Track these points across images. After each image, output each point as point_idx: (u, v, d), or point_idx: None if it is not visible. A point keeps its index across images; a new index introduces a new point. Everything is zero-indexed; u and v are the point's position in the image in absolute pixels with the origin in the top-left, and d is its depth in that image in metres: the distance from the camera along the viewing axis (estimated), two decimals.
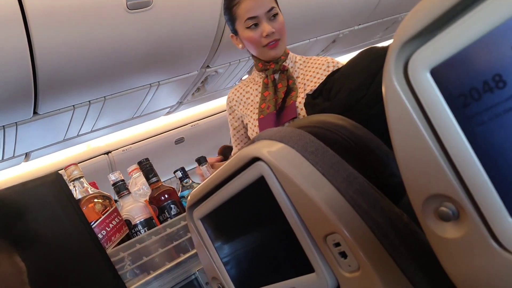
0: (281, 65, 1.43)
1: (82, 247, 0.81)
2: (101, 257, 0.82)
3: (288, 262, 0.57)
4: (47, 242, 0.79)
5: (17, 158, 2.41)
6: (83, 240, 0.81)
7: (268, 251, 0.61)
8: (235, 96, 1.60)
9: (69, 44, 1.70)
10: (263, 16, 1.35)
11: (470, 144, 0.34)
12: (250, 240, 0.63)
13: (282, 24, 1.38)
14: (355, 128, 0.57)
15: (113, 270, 0.85)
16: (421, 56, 0.35)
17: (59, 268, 0.77)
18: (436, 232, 0.38)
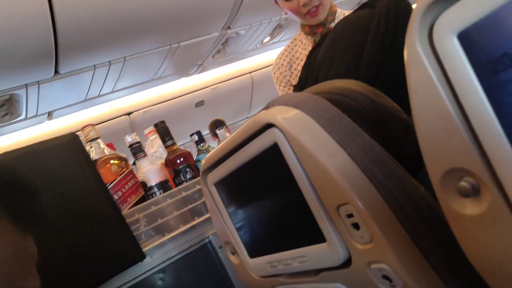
0: (328, 27, 1.35)
1: (98, 207, 0.82)
2: (117, 218, 0.84)
3: (299, 231, 0.57)
4: (64, 202, 0.80)
5: (40, 117, 2.45)
6: (99, 201, 0.82)
7: (280, 218, 0.60)
8: (284, 62, 1.52)
9: (89, 4, 1.68)
10: None
11: (496, 116, 0.31)
12: (263, 207, 0.63)
13: None
14: (374, 95, 0.54)
15: (128, 230, 0.86)
16: (447, 18, 0.32)
17: (75, 228, 0.78)
18: (455, 207, 0.36)
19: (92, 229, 0.80)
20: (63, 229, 0.75)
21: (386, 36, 0.66)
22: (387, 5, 0.67)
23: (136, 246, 0.87)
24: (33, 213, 0.60)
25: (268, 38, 2.95)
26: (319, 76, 0.74)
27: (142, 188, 1.09)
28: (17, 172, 0.61)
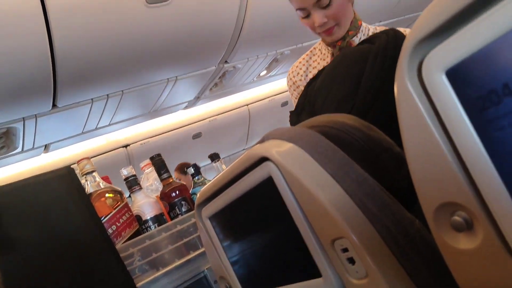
0: (348, 41, 1.32)
1: (92, 241, 0.81)
2: (111, 252, 0.83)
3: (295, 265, 0.56)
4: (57, 236, 0.79)
5: (36, 150, 2.45)
6: (93, 235, 0.81)
7: (275, 253, 0.59)
8: (300, 70, 1.47)
9: (88, 38, 1.71)
10: (313, 7, 1.25)
11: (487, 151, 0.32)
12: (258, 241, 0.62)
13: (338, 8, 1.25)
14: (366, 129, 0.55)
15: (122, 265, 0.85)
16: (436, 56, 0.33)
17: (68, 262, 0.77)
18: (449, 242, 0.36)
19: (86, 264, 0.79)
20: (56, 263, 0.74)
21: (383, 67, 0.67)
22: (386, 39, 0.70)
23: (130, 281, 0.86)
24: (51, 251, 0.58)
25: (265, 72, 3.00)
26: (316, 103, 0.75)
27: (136, 221, 1.08)
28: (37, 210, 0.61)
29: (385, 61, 0.67)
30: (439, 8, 0.33)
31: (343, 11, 1.27)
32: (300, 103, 0.81)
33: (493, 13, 0.29)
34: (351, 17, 1.32)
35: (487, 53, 0.30)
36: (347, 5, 1.28)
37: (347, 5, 1.28)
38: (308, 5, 1.26)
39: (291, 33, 2.45)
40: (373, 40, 0.73)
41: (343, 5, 1.26)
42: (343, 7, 1.26)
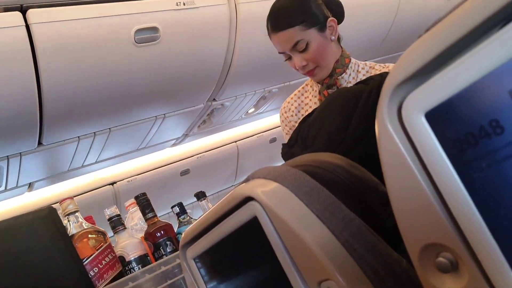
0: (335, 79, 1.34)
1: (73, 284, 0.79)
2: None
3: None
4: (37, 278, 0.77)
5: (20, 188, 2.41)
6: (74, 277, 0.79)
7: None
8: (291, 106, 1.49)
9: (76, 77, 1.72)
10: (291, 51, 1.29)
11: (468, 191, 0.32)
12: (244, 282, 0.61)
13: (317, 51, 1.28)
14: (351, 168, 0.55)
15: None
16: (414, 99, 0.33)
17: None
18: (434, 283, 0.36)
19: None
20: None
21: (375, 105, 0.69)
22: (379, 80, 0.72)
23: None
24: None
25: (253, 109, 3.03)
26: (309, 136, 0.77)
27: (120, 263, 1.05)
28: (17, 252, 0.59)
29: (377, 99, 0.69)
30: (417, 53, 0.34)
31: (321, 54, 1.29)
32: (293, 137, 0.83)
33: (468, 58, 0.30)
34: (336, 56, 1.34)
35: (463, 96, 0.31)
36: (327, 47, 1.30)
37: (327, 46, 1.30)
38: (286, 49, 1.29)
39: (278, 72, 2.50)
40: (368, 81, 0.75)
41: (322, 47, 1.28)
42: (322, 50, 1.28)
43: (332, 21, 1.30)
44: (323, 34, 1.29)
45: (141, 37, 1.76)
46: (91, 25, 1.61)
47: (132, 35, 1.72)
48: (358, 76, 1.36)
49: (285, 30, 1.25)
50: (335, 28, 1.32)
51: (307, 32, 1.26)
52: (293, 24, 1.25)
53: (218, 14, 1.94)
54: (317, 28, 1.27)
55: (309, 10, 1.27)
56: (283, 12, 1.28)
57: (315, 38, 1.27)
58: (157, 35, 1.79)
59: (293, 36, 1.26)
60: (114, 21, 1.67)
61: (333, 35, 1.31)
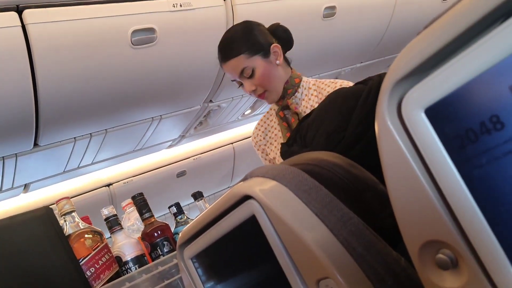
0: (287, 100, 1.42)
1: (69, 284, 0.78)
2: None
3: None
4: (34, 279, 0.76)
5: (16, 189, 2.39)
6: (71, 277, 0.78)
7: None
8: (259, 132, 1.59)
9: (73, 78, 1.71)
10: (240, 78, 1.38)
11: (468, 188, 0.32)
12: (242, 281, 0.61)
13: (263, 76, 1.37)
14: (350, 166, 0.55)
15: None
16: (414, 95, 0.33)
17: None
18: (434, 281, 0.36)
19: None
20: None
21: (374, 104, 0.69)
22: (379, 79, 0.72)
23: None
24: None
25: (249, 111, 3.03)
26: (307, 135, 0.77)
27: (116, 263, 1.04)
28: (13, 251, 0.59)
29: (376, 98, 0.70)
30: (416, 49, 0.34)
31: (267, 78, 1.38)
32: (292, 137, 0.83)
33: (467, 54, 0.30)
34: (284, 78, 1.42)
35: (463, 92, 0.31)
36: (272, 71, 1.39)
37: (272, 71, 1.39)
38: (235, 77, 1.40)
39: None
40: (366, 81, 0.76)
41: (267, 72, 1.37)
42: (267, 74, 1.37)
43: (275, 47, 1.40)
44: (267, 60, 1.38)
45: (137, 38, 1.76)
46: (87, 25, 1.61)
47: (128, 36, 1.72)
48: (310, 92, 1.43)
49: (231, 59, 1.37)
50: (279, 53, 1.40)
51: (252, 59, 1.36)
52: (237, 54, 1.36)
53: (214, 15, 1.94)
54: (261, 55, 1.37)
55: (252, 39, 1.37)
56: (228, 43, 1.39)
57: (259, 64, 1.37)
58: (154, 36, 1.79)
59: (239, 64, 1.36)
60: (110, 22, 1.66)
61: (278, 59, 1.40)
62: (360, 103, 0.70)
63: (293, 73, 1.46)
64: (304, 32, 2.30)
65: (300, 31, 2.26)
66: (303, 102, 1.43)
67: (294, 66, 1.52)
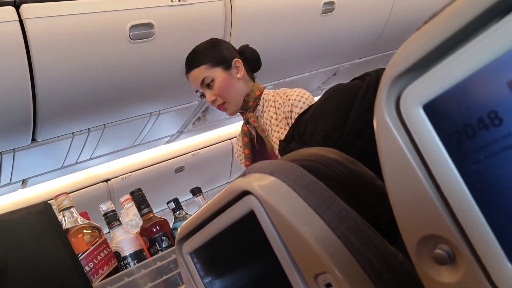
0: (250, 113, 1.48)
1: (68, 279, 0.78)
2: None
3: None
4: (32, 274, 0.76)
5: (14, 185, 2.39)
6: (69, 273, 0.79)
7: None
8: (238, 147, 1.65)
9: (71, 73, 1.71)
10: (202, 87, 1.44)
11: (466, 183, 0.32)
12: (241, 277, 0.61)
13: (221, 87, 1.42)
14: (348, 162, 0.55)
15: None
16: (413, 91, 0.33)
17: None
18: (431, 275, 0.36)
19: None
20: None
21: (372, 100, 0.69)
22: (376, 75, 0.72)
23: None
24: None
25: None
26: (306, 132, 0.77)
27: (115, 258, 1.05)
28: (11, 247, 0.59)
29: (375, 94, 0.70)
30: (415, 45, 0.34)
31: (226, 89, 1.43)
32: (289, 134, 0.83)
33: (466, 50, 0.31)
34: (244, 92, 1.47)
35: (461, 88, 0.31)
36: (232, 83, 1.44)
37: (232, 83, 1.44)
38: (196, 87, 1.47)
39: (273, 68, 2.49)
40: (364, 77, 0.76)
41: (226, 83, 1.43)
42: (226, 86, 1.43)
43: (237, 61, 1.46)
44: (228, 73, 1.44)
45: (136, 33, 1.75)
46: (85, 20, 1.60)
47: (127, 31, 1.71)
48: (269, 104, 1.46)
49: (193, 69, 1.46)
50: (240, 68, 1.47)
51: (212, 70, 1.43)
52: (198, 64, 1.44)
53: (213, 10, 1.93)
54: (223, 67, 1.44)
55: (215, 52, 1.45)
56: (192, 55, 1.48)
57: (219, 75, 1.43)
58: (152, 31, 1.78)
59: (200, 74, 1.44)
60: (108, 16, 1.66)
61: (239, 73, 1.46)
62: (358, 100, 0.70)
63: (254, 86, 1.50)
64: (303, 28, 2.30)
65: (299, 27, 2.26)
66: (264, 114, 1.47)
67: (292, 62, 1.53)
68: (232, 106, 1.47)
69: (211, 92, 1.44)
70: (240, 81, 1.46)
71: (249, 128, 1.48)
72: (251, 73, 1.54)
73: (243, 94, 1.46)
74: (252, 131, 1.47)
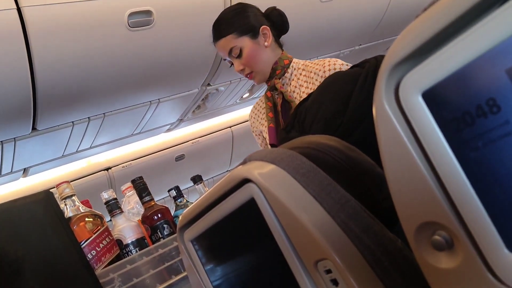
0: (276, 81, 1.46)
1: (71, 267, 0.79)
2: (90, 278, 0.81)
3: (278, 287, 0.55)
4: (35, 262, 0.77)
5: (15, 174, 2.40)
6: (72, 260, 0.79)
7: (259, 275, 0.59)
8: (253, 114, 1.64)
9: (69, 61, 1.70)
10: (230, 57, 1.44)
11: (464, 171, 0.32)
12: (241, 264, 0.62)
13: (249, 57, 1.41)
14: (348, 150, 0.55)
15: None
16: (412, 79, 0.33)
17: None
18: (430, 261, 0.37)
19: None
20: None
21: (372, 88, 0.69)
22: (375, 62, 0.72)
23: None
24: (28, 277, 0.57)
25: (248, 94, 3.02)
26: (306, 121, 0.77)
27: (117, 246, 1.06)
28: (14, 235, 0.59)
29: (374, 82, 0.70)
30: (414, 32, 0.34)
31: (254, 59, 1.43)
32: (290, 122, 0.83)
33: (464, 38, 0.31)
34: (272, 60, 1.46)
35: (460, 76, 0.31)
36: (259, 52, 1.43)
37: (259, 52, 1.43)
38: (226, 56, 1.46)
39: None
40: (363, 64, 0.75)
41: (254, 53, 1.42)
42: (254, 55, 1.42)
43: (265, 29, 1.43)
44: (256, 41, 1.42)
45: (134, 20, 1.74)
46: (84, 8, 1.59)
47: (125, 18, 1.70)
48: (299, 73, 1.46)
49: (221, 39, 1.43)
50: (268, 35, 1.44)
51: (239, 39, 1.41)
52: (226, 33, 1.41)
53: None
54: (250, 36, 1.41)
55: (242, 20, 1.42)
56: (219, 23, 1.44)
57: (247, 45, 1.41)
58: (151, 18, 1.77)
59: (228, 43, 1.42)
60: (107, 4, 1.64)
61: (267, 41, 1.44)
62: (358, 88, 0.70)
63: (283, 54, 1.49)
64: (303, 15, 2.28)
65: (299, 14, 2.24)
66: (292, 82, 1.46)
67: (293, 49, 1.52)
68: (260, 75, 1.46)
69: (239, 61, 1.43)
70: (267, 49, 1.45)
71: (273, 94, 1.48)
72: (278, 37, 1.52)
73: (270, 62, 1.46)
74: (276, 97, 1.46)
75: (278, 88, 1.45)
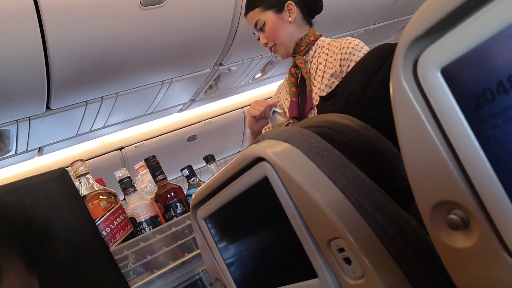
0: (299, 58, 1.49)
1: (86, 243, 0.80)
2: (105, 255, 0.82)
3: (291, 266, 0.56)
4: (50, 238, 0.78)
5: (30, 153, 2.43)
6: (87, 237, 0.81)
7: (271, 254, 0.59)
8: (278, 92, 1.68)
9: (82, 40, 1.70)
10: (256, 30, 1.49)
11: (482, 149, 0.32)
12: (254, 242, 0.62)
13: (271, 30, 1.45)
14: (363, 129, 0.55)
15: (116, 268, 0.84)
16: (430, 54, 0.33)
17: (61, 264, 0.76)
18: (445, 241, 0.36)
19: (79, 266, 0.79)
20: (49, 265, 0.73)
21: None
22: None
23: (124, 284, 0.85)
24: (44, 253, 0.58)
25: (260, 74, 2.99)
26: (338, 91, 0.78)
27: (131, 224, 1.07)
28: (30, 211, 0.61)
29: None
30: (433, 7, 0.33)
31: (277, 32, 1.46)
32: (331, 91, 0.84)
33: (486, 11, 0.30)
34: (296, 36, 1.49)
35: (481, 51, 0.30)
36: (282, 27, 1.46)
37: (282, 26, 1.46)
38: (253, 29, 1.50)
39: None
40: None
41: (276, 27, 1.46)
42: (276, 29, 1.46)
43: (290, 4, 1.45)
44: (279, 16, 1.45)
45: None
46: None
47: None
48: (322, 51, 1.48)
49: (249, 12, 1.48)
50: (293, 11, 1.46)
51: (264, 13, 1.45)
52: (253, 7, 1.46)
53: None
54: (275, 10, 1.45)
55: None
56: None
57: (271, 19, 1.45)
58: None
59: (254, 17, 1.47)
60: None
61: (291, 17, 1.46)
62: (386, 65, 0.68)
63: (310, 31, 1.50)
64: None
65: None
66: (313, 59, 1.48)
67: None
68: (282, 49, 1.48)
69: (263, 35, 1.47)
70: (291, 24, 1.47)
71: (296, 71, 1.49)
72: (308, 17, 1.54)
73: (294, 38, 1.48)
74: (298, 73, 1.48)
75: (298, 64, 1.46)
